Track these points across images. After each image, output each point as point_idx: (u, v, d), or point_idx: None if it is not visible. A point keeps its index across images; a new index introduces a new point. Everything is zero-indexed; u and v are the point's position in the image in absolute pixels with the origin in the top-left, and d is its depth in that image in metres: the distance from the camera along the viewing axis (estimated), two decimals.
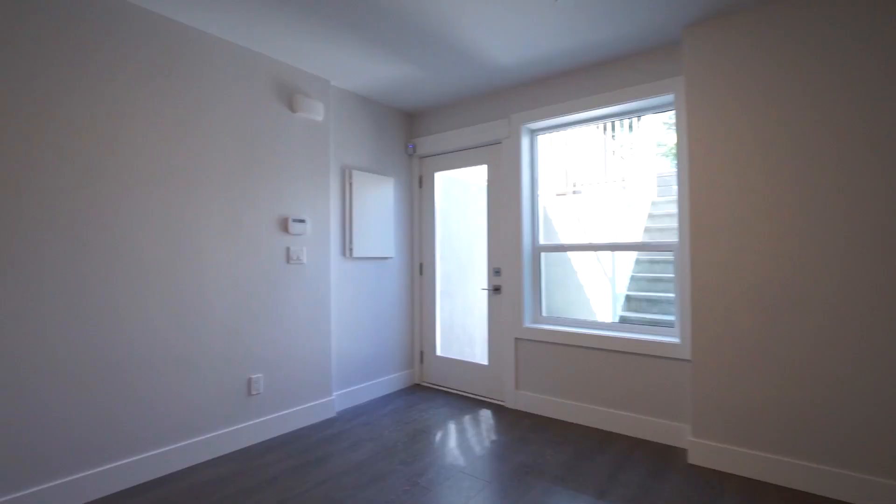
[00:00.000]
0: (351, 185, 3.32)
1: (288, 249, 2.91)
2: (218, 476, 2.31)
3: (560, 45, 2.68)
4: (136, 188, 2.25)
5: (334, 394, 3.22)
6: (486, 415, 3.17)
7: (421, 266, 3.91)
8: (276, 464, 2.44)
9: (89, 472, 2.08)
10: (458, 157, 3.66)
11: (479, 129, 3.45)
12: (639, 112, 2.96)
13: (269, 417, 2.78)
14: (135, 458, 2.23)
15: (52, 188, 2.00)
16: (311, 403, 3.02)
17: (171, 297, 2.37)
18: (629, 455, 2.53)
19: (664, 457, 2.51)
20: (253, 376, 2.71)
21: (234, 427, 2.62)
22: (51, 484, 1.97)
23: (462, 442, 2.72)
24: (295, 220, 2.93)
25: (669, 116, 3.51)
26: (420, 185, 3.90)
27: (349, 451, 2.59)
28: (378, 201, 3.53)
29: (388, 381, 3.65)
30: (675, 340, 2.68)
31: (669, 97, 2.72)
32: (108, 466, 2.14)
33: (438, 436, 2.81)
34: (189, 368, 2.44)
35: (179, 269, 2.41)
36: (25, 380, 1.93)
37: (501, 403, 3.38)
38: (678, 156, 2.64)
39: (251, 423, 2.69)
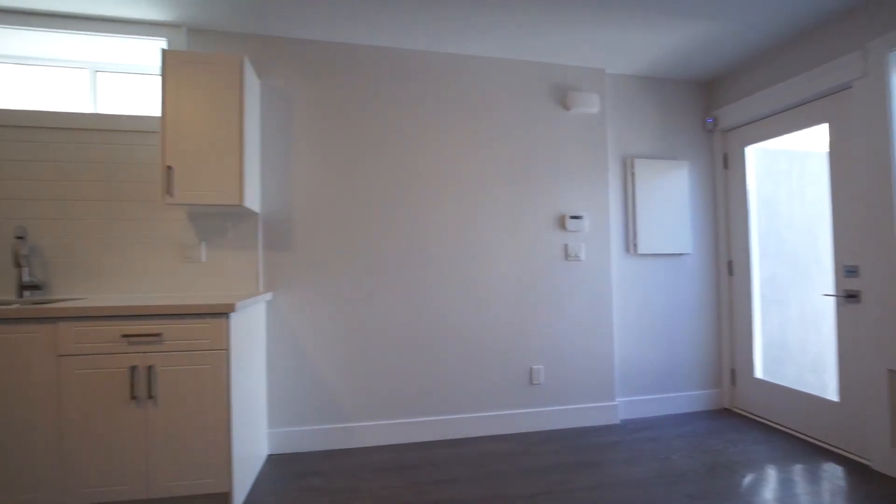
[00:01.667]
0: (633, 175, 3.05)
1: (566, 246, 2.93)
2: (498, 451, 2.55)
3: None
4: (440, 196, 2.78)
5: (617, 400, 3.01)
6: (832, 472, 2.26)
7: (730, 265, 3.18)
8: (551, 455, 2.49)
9: (409, 420, 2.69)
10: (780, 122, 2.79)
11: (810, 77, 2.53)
12: None
13: (548, 409, 2.86)
14: (438, 418, 2.73)
15: (390, 203, 2.72)
16: (592, 405, 2.92)
17: (466, 287, 2.79)
18: None
19: None
20: (534, 367, 2.86)
21: (516, 411, 2.82)
22: (381, 422, 2.67)
23: (786, 498, 2.03)
24: (572, 217, 2.92)
25: None
26: (725, 166, 3.18)
27: (627, 465, 2.36)
28: (668, 190, 3.10)
29: (684, 399, 3.13)
30: None
31: None
32: (419, 419, 2.71)
33: (748, 479, 2.20)
34: (479, 350, 2.80)
35: (471, 263, 2.80)
36: (372, 346, 2.68)
37: (863, 462, 2.34)
38: None
39: (531, 410, 2.84)
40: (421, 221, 2.75)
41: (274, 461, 2.45)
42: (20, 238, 2.25)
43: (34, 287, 2.30)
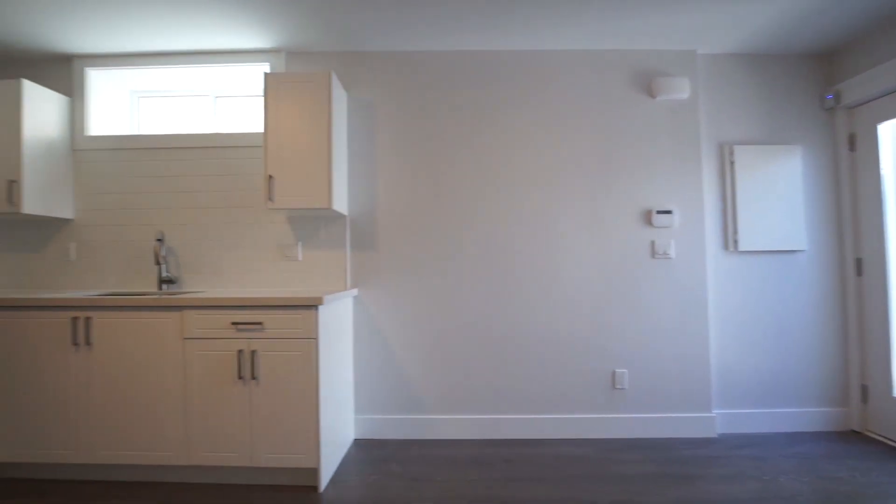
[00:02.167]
0: (732, 163, 2.76)
1: (653, 243, 2.75)
2: (576, 455, 2.47)
3: None
4: (518, 194, 2.78)
5: (715, 412, 2.74)
6: None
7: (858, 263, 2.72)
8: (633, 464, 2.35)
9: (487, 416, 2.72)
10: None
11: None
12: None
13: (633, 416, 2.70)
14: (516, 417, 2.72)
15: (468, 203, 2.79)
16: (684, 415, 2.70)
17: (544, 285, 2.75)
18: None
19: None
20: (617, 370, 2.72)
21: (597, 415, 2.71)
22: (459, 416, 2.72)
23: None
24: (659, 212, 2.74)
25: None
26: (851, 147, 2.74)
27: (723, 482, 2.15)
28: (776, 178, 2.75)
29: (799, 416, 2.75)
30: None
31: None
32: (497, 416, 2.72)
33: None
34: (559, 350, 2.74)
35: (550, 261, 2.75)
36: (451, 342, 2.76)
37: None
38: None
39: (614, 416, 2.71)
40: (499, 220, 2.77)
41: (360, 445, 2.63)
42: (159, 241, 2.71)
43: (170, 281, 2.74)
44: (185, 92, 3.06)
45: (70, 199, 2.81)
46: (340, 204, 2.64)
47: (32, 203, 2.57)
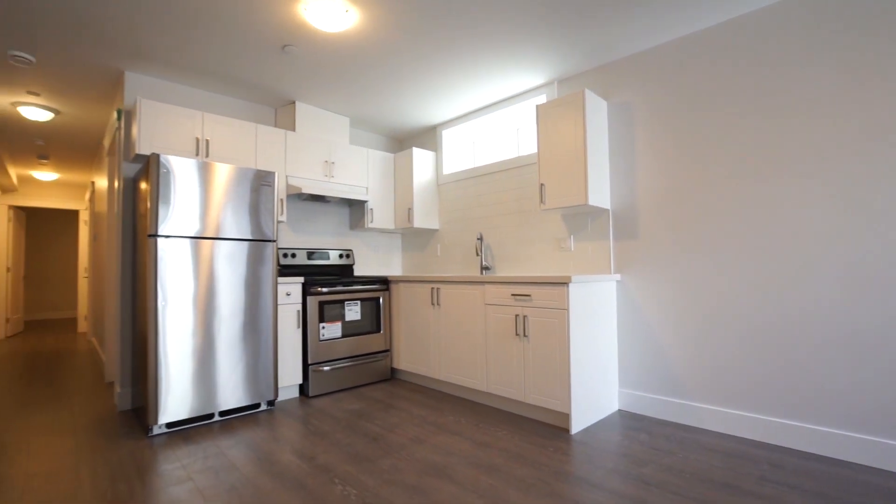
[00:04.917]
0: None
1: None
2: (881, 486, 1.93)
3: None
4: (807, 167, 2.40)
5: None
6: None
7: None
8: None
9: (756, 416, 2.46)
10: None
11: None
12: None
13: None
14: (797, 424, 2.33)
15: (733, 186, 2.64)
16: None
17: (844, 271, 2.24)
18: None
19: None
20: None
21: None
22: (722, 409, 2.56)
23: None
24: None
25: None
26: None
27: None
28: None
29: None
30: None
31: None
32: (770, 418, 2.42)
33: None
34: (864, 354, 2.16)
35: (853, 239, 2.23)
36: (715, 331, 2.65)
37: None
38: None
39: None
40: (778, 202, 2.46)
41: (621, 414, 2.93)
42: (479, 240, 3.88)
43: (486, 268, 3.87)
44: (498, 129, 4.19)
45: (437, 216, 4.42)
46: (599, 199, 3.04)
47: (419, 220, 4.25)
